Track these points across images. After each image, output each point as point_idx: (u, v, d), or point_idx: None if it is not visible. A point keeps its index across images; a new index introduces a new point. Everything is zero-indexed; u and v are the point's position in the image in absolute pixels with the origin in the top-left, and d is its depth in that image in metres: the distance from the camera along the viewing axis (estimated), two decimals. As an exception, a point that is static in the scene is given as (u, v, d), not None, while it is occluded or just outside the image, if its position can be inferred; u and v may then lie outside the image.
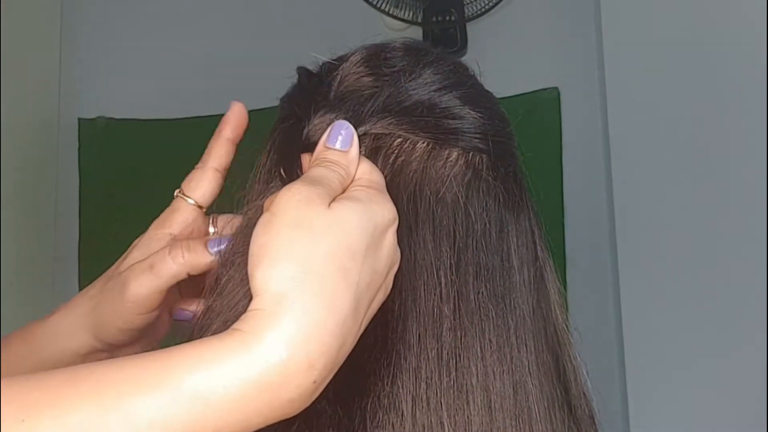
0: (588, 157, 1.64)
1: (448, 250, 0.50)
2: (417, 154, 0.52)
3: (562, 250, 1.62)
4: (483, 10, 1.72)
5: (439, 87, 0.53)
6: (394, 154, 0.52)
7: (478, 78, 0.58)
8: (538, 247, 0.56)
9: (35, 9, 1.77)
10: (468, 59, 0.58)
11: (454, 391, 0.48)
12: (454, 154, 0.53)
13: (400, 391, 0.47)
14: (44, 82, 1.80)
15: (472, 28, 1.74)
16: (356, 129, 0.50)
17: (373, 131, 0.52)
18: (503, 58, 1.73)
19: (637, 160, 1.48)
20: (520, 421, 0.49)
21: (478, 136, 0.53)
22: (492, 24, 1.74)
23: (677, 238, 1.43)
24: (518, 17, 1.75)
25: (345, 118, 0.51)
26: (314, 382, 0.41)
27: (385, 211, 0.46)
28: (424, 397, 0.47)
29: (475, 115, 0.53)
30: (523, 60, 1.73)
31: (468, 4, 1.72)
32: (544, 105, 1.69)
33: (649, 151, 1.47)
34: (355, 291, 0.43)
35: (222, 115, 0.61)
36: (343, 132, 0.49)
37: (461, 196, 0.52)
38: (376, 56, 0.55)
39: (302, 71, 0.57)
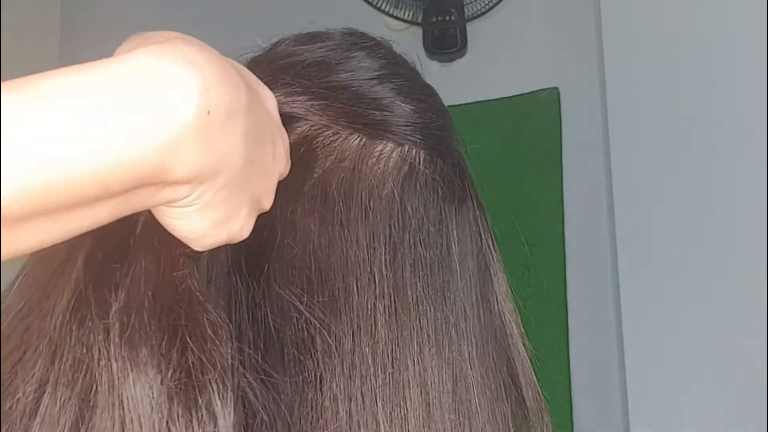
0: (588, 157, 1.64)
1: (383, 245, 0.49)
2: (349, 150, 0.51)
3: (562, 250, 1.62)
4: (483, 10, 1.72)
5: (371, 77, 0.52)
6: (327, 148, 0.50)
7: (419, 69, 0.57)
8: (483, 239, 0.54)
9: (35, 9, 1.77)
10: (468, 59, 0.58)
11: (390, 388, 0.46)
12: (388, 148, 0.51)
13: (335, 390, 0.46)
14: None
15: (472, 28, 1.74)
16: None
17: (300, 114, 0.50)
18: (503, 58, 1.73)
19: (636, 159, 1.48)
20: (460, 415, 0.48)
21: (409, 129, 0.52)
22: (492, 24, 1.74)
23: (677, 237, 1.43)
24: (518, 17, 1.75)
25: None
26: (207, 111, 0.35)
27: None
28: (359, 394, 0.46)
29: (407, 108, 0.52)
30: (523, 60, 1.73)
31: (468, 4, 1.72)
32: (544, 105, 1.69)
33: (649, 151, 1.47)
34: (243, 83, 0.39)
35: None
36: None
37: (397, 191, 0.50)
38: (310, 40, 0.54)
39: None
